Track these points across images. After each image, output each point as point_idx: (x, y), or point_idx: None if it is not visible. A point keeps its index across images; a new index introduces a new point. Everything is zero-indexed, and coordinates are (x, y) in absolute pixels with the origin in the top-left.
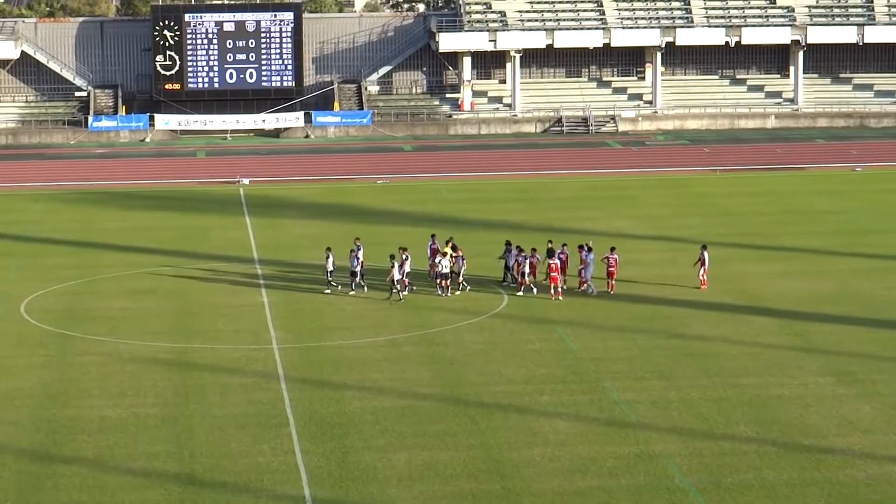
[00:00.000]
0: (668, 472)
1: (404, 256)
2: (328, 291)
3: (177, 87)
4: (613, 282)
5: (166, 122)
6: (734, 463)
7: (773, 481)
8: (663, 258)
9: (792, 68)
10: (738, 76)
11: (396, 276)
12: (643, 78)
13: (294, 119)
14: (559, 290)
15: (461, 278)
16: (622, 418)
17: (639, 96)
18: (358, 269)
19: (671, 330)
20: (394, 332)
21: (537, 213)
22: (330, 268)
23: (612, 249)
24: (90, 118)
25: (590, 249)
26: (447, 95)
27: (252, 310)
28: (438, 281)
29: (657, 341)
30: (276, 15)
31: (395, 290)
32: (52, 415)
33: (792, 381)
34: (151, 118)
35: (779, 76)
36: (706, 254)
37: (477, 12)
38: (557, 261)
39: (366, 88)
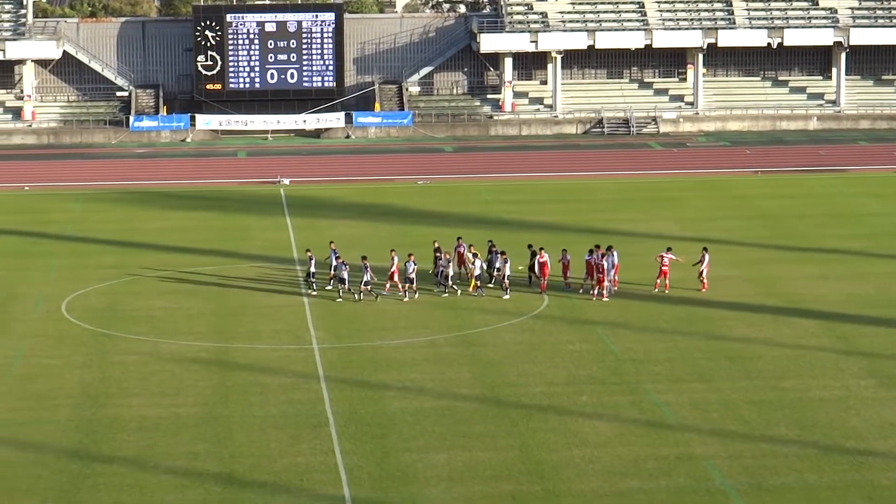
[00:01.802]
0: (708, 475)
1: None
2: (314, 293)
3: (218, 87)
4: (667, 281)
5: (207, 122)
6: (775, 465)
7: (813, 484)
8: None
9: (834, 70)
10: (780, 78)
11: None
12: (685, 79)
13: (335, 119)
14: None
15: (463, 281)
16: (662, 420)
17: (680, 97)
18: (345, 274)
19: (712, 332)
20: (433, 333)
21: (578, 215)
22: (312, 269)
23: (669, 249)
24: (131, 118)
25: (608, 250)
26: (488, 96)
27: (292, 310)
28: (474, 282)
29: (698, 343)
30: (317, 15)
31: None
32: (93, 414)
33: (833, 383)
34: (192, 118)
35: (821, 78)
36: (707, 256)
37: (518, 13)
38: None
39: (407, 89)
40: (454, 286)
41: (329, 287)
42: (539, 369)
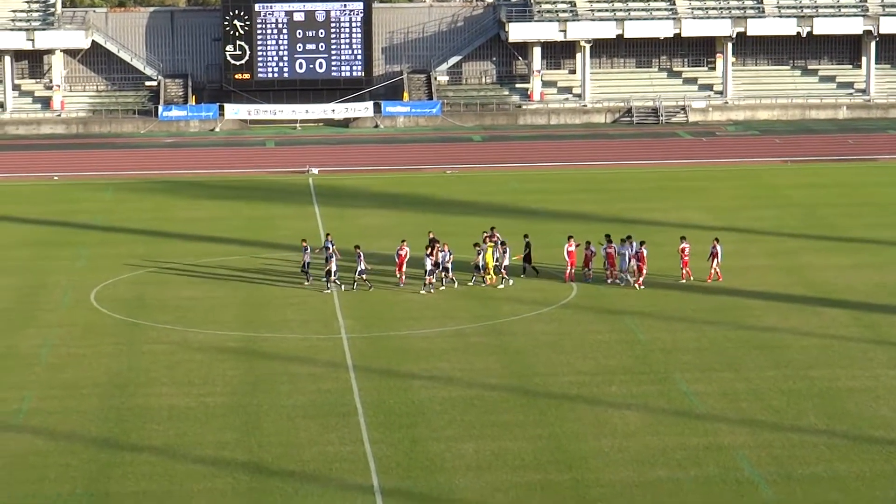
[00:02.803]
0: (737, 464)
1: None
2: (307, 284)
3: (247, 76)
4: (686, 270)
5: (236, 111)
6: (804, 455)
7: (843, 473)
8: (733, 250)
9: (864, 58)
10: (809, 66)
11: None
12: (714, 68)
13: (363, 109)
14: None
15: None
16: (691, 409)
17: (709, 87)
18: (333, 265)
19: (741, 321)
20: (462, 322)
21: (607, 205)
22: (308, 260)
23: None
24: (160, 108)
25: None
26: (517, 85)
27: (320, 299)
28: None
29: (727, 333)
30: (345, 5)
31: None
32: (121, 403)
33: (862, 373)
34: (221, 108)
35: (850, 66)
36: (719, 247)
37: (547, 2)
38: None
39: (435, 78)
40: (452, 278)
41: (325, 280)
42: (567, 359)
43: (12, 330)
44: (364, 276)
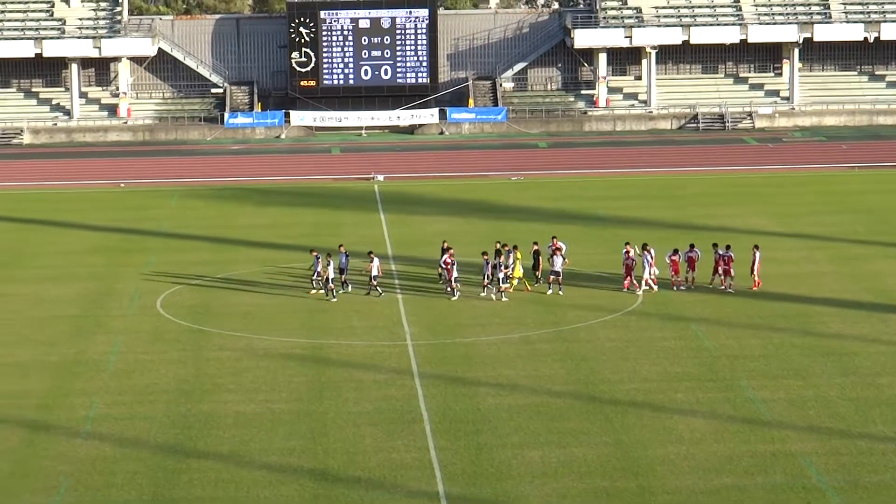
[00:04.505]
0: (804, 472)
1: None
2: (314, 291)
3: (312, 83)
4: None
5: (301, 118)
6: (872, 462)
7: None
8: (800, 256)
9: None
10: (876, 72)
11: (374, 273)
12: (780, 74)
13: (429, 115)
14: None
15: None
16: (758, 416)
17: (776, 92)
18: (331, 272)
19: (808, 328)
20: (527, 329)
21: (673, 211)
22: (318, 268)
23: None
24: (226, 115)
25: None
26: (582, 92)
27: (386, 306)
28: (552, 278)
29: (793, 339)
30: (411, 12)
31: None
32: (188, 410)
33: None
34: (287, 115)
35: None
36: (758, 254)
37: (613, 8)
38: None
39: (500, 85)
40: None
41: (343, 290)
42: (633, 365)
43: (81, 336)
44: (376, 282)
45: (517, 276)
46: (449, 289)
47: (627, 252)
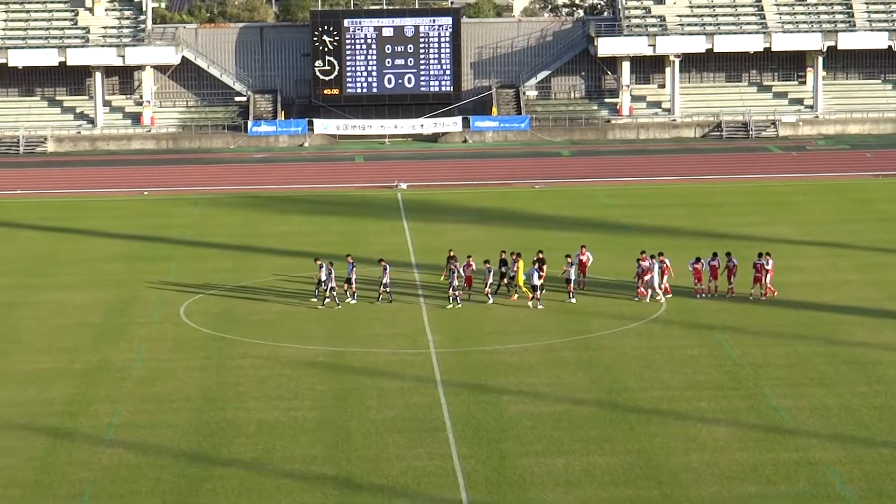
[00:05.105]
0: (828, 480)
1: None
2: (316, 299)
3: (335, 92)
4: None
5: (325, 126)
6: None
7: None
8: (824, 264)
9: None
10: None
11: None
12: (804, 82)
13: (452, 124)
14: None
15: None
16: (781, 425)
17: (800, 101)
18: (323, 275)
19: (832, 336)
20: (550, 337)
21: (697, 219)
22: (323, 277)
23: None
24: (250, 123)
25: (652, 257)
26: (606, 100)
27: (409, 314)
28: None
29: (817, 348)
30: (434, 20)
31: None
32: (211, 418)
33: None
34: (310, 123)
35: None
36: (770, 260)
37: (636, 17)
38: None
39: (524, 93)
40: (465, 295)
41: (350, 300)
42: (656, 374)
43: (104, 343)
44: (388, 290)
45: (518, 283)
46: (452, 295)
47: (640, 260)
